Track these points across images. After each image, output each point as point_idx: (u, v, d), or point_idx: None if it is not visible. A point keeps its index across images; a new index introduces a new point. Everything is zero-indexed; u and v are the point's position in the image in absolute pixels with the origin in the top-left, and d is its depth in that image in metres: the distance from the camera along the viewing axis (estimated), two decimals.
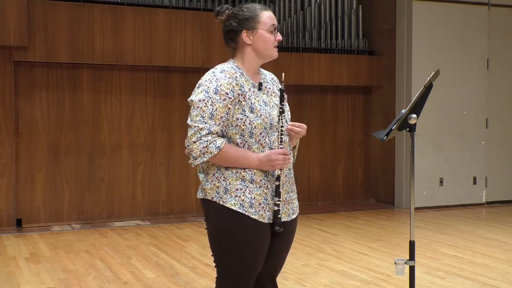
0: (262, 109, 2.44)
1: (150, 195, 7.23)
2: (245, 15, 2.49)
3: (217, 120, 2.36)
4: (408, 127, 2.85)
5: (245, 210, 2.40)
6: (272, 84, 2.60)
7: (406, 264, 2.88)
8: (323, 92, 8.32)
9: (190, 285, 4.48)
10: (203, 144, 2.35)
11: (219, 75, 2.42)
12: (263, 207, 2.43)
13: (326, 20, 8.20)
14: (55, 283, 4.50)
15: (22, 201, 6.65)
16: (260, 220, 2.42)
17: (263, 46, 2.50)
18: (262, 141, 2.43)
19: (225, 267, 2.47)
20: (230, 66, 2.48)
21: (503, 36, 8.41)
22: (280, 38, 2.53)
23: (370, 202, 8.58)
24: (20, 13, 6.28)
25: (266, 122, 2.43)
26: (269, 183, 2.45)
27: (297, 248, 5.56)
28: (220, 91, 2.38)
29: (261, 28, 2.48)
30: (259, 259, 2.46)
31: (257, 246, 2.43)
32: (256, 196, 2.42)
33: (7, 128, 6.47)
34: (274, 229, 2.44)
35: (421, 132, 7.57)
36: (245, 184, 2.41)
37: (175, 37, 7.02)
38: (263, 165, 2.40)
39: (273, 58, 2.56)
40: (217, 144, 2.35)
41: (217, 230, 2.45)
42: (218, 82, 2.39)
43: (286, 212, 2.51)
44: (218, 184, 2.42)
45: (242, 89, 2.43)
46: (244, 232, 2.41)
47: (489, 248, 5.71)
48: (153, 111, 7.24)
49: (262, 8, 2.52)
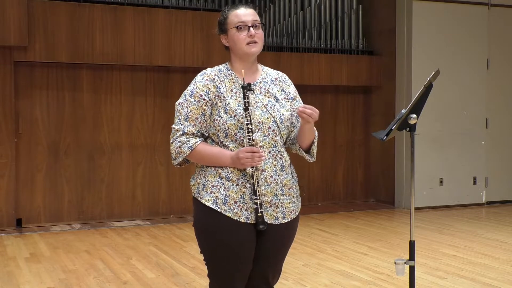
0: (239, 109, 2.43)
1: (150, 195, 7.23)
2: (220, 20, 2.55)
3: (191, 121, 2.45)
4: (408, 127, 2.84)
5: (218, 207, 2.42)
6: (272, 84, 2.58)
7: (406, 264, 2.87)
8: (323, 92, 8.32)
9: (190, 285, 4.48)
10: (177, 145, 2.46)
11: (198, 78, 2.51)
12: (239, 205, 2.43)
13: (326, 20, 8.20)
14: (55, 283, 4.50)
15: (22, 201, 6.65)
16: (234, 218, 2.42)
17: (235, 45, 2.50)
18: (239, 141, 2.44)
19: (208, 262, 2.52)
20: (217, 68, 2.54)
21: (503, 36, 8.41)
22: (252, 33, 2.47)
23: (370, 202, 8.58)
24: (20, 13, 6.28)
25: (242, 122, 2.42)
26: (248, 182, 2.44)
27: (297, 248, 5.56)
28: (195, 93, 2.46)
29: (230, 28, 2.49)
30: (239, 258, 2.45)
31: (233, 245, 2.43)
32: (232, 194, 2.43)
33: (7, 128, 6.47)
34: (257, 227, 2.44)
35: (421, 132, 7.57)
36: (221, 181, 2.44)
37: (175, 37, 7.02)
38: (235, 163, 2.41)
39: (250, 55, 2.49)
40: (190, 144, 2.44)
41: (196, 226, 2.52)
42: (195, 84, 2.49)
43: (272, 214, 2.48)
44: (199, 180, 2.50)
45: (219, 90, 2.46)
46: (217, 229, 2.43)
47: (489, 248, 5.71)
48: (153, 111, 7.24)
49: (234, 8, 2.52)
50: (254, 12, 2.52)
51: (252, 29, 2.47)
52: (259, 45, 2.50)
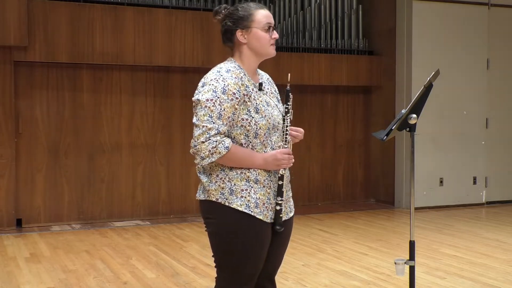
0: (265, 109, 2.46)
1: (150, 195, 7.23)
2: (239, 15, 2.50)
3: (225, 120, 2.36)
4: (408, 127, 2.85)
5: (251, 211, 2.41)
6: (269, 84, 2.62)
7: (406, 264, 2.88)
8: (323, 92, 8.32)
9: (190, 285, 4.48)
10: (212, 145, 2.34)
11: (226, 74, 2.42)
12: (267, 207, 2.46)
13: (326, 20, 8.20)
14: (55, 283, 4.50)
15: (22, 201, 6.65)
16: (264, 220, 2.44)
17: (258, 44, 2.49)
18: (265, 142, 2.45)
19: (229, 267, 2.48)
20: (233, 66, 2.48)
21: (503, 36, 8.41)
22: (276, 36, 2.52)
23: (370, 202, 8.58)
24: (20, 13, 6.28)
25: (270, 123, 2.45)
26: (272, 183, 2.47)
27: (297, 248, 5.56)
28: (228, 91, 2.38)
29: (255, 26, 2.49)
30: (261, 258, 2.48)
31: (261, 246, 2.46)
32: (261, 196, 2.44)
33: (7, 128, 6.47)
34: (275, 228, 2.47)
35: (421, 132, 7.56)
36: (250, 184, 2.43)
37: (175, 37, 7.02)
38: (268, 165, 2.42)
39: (270, 56, 2.54)
40: (226, 144, 2.35)
41: (222, 231, 2.45)
42: (225, 81, 2.39)
43: (285, 210, 2.54)
44: (223, 185, 2.42)
45: (247, 89, 2.44)
46: (251, 233, 2.43)
47: (489, 248, 5.71)
48: (153, 111, 7.24)
49: (257, 7, 2.52)
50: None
51: (275, 32, 2.53)
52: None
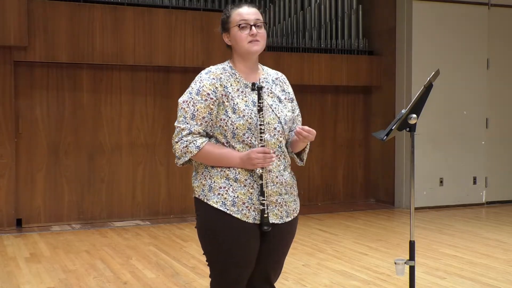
0: (247, 109, 2.43)
1: (150, 195, 7.23)
2: (222, 19, 2.55)
3: (198, 120, 2.43)
4: (408, 127, 2.85)
5: (226, 209, 2.41)
6: (274, 84, 2.59)
7: (406, 264, 2.87)
8: (323, 92, 8.32)
9: (190, 285, 4.48)
10: (184, 144, 2.43)
11: (204, 76, 2.47)
12: (247, 206, 2.43)
13: (326, 20, 8.20)
14: (55, 283, 4.50)
15: (22, 201, 6.65)
16: (243, 219, 2.42)
17: (236, 44, 2.49)
18: (247, 141, 2.44)
19: (213, 265, 2.50)
20: (221, 67, 2.51)
21: (503, 36, 8.41)
22: (254, 32, 2.46)
23: (370, 202, 8.58)
24: (20, 13, 6.28)
25: (250, 123, 2.42)
26: (255, 183, 2.45)
27: (297, 248, 5.56)
28: (202, 92, 2.43)
29: (232, 27, 2.49)
30: (246, 259, 2.46)
31: (242, 245, 2.43)
32: (240, 195, 2.43)
33: (7, 128, 6.47)
34: (262, 228, 2.44)
35: (421, 132, 7.57)
36: (229, 182, 2.43)
37: (175, 37, 7.02)
38: (245, 164, 2.41)
39: (251, 53, 2.49)
40: (197, 144, 2.41)
41: (202, 227, 2.50)
42: (202, 83, 2.45)
43: (277, 214, 2.49)
44: (204, 182, 2.47)
45: (226, 89, 2.45)
46: (226, 230, 2.42)
47: (489, 248, 5.71)
48: (153, 111, 7.24)
49: (236, 7, 2.52)
50: (257, 11, 2.52)
51: (254, 28, 2.47)
52: (261, 44, 2.50)
